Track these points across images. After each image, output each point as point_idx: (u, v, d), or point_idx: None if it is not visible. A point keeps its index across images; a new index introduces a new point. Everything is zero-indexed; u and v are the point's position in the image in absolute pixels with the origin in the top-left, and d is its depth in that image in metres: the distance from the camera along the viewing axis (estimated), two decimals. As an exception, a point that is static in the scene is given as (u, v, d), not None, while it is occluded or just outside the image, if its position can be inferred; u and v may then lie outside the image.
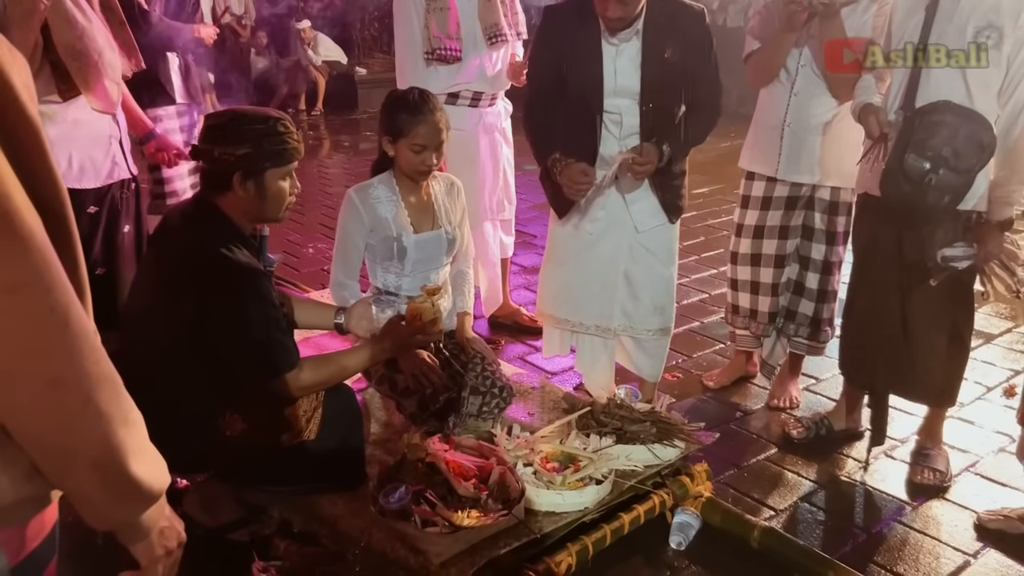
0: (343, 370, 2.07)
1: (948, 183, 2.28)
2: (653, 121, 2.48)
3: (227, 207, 1.93)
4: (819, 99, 2.73)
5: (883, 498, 2.52)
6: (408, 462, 2.06)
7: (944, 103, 2.29)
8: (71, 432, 0.78)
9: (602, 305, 2.68)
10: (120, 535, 0.92)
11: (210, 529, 2.14)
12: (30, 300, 0.73)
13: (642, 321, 2.68)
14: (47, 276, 0.74)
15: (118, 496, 0.85)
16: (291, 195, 1.99)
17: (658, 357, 2.78)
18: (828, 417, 2.83)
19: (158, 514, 0.92)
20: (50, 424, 0.77)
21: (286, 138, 1.90)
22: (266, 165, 1.89)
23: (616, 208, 2.60)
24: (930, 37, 2.32)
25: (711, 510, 2.26)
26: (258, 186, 1.90)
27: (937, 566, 2.21)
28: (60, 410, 0.77)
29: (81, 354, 0.77)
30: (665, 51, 2.42)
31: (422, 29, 3.11)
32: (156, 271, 1.94)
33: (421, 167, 2.36)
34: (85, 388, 0.78)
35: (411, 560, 1.85)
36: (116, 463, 0.82)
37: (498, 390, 2.41)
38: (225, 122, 1.90)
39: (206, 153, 1.91)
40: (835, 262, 2.90)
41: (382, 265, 2.47)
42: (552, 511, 2.02)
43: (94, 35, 2.31)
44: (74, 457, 0.80)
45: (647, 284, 2.66)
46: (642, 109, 2.47)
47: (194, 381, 1.90)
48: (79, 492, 0.83)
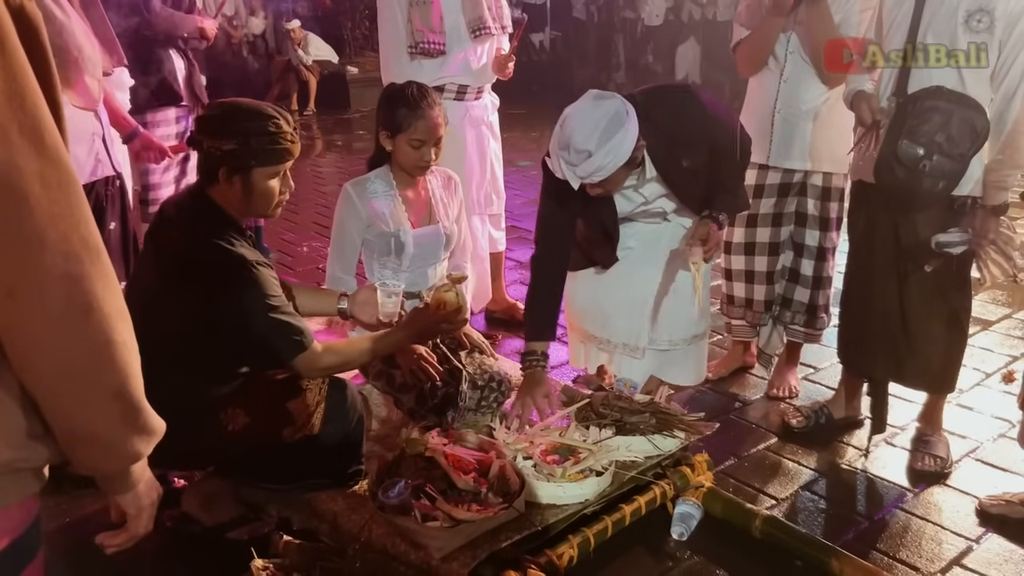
0: (365, 352, 2.05)
1: (942, 169, 2.28)
2: (693, 196, 2.36)
3: (219, 198, 1.91)
4: (809, 85, 2.72)
5: (884, 485, 2.52)
6: (407, 457, 2.05)
7: (937, 88, 2.28)
8: (99, 360, 0.82)
9: (632, 323, 2.49)
10: (113, 483, 0.95)
11: (208, 527, 2.13)
12: (71, 231, 0.77)
13: (686, 329, 2.52)
14: (85, 209, 0.80)
15: (134, 429, 0.89)
16: (282, 194, 1.96)
17: (702, 359, 2.62)
18: (827, 406, 2.83)
19: (143, 464, 0.95)
20: (80, 353, 0.81)
21: (277, 138, 1.86)
22: (252, 163, 1.86)
23: (648, 235, 2.47)
24: (921, 21, 2.32)
25: (712, 500, 2.25)
26: (244, 183, 1.87)
27: (940, 551, 2.21)
28: (90, 338, 0.81)
29: (110, 287, 0.82)
30: (683, 161, 2.25)
31: (405, 23, 3.11)
32: (154, 263, 1.93)
33: (420, 162, 2.35)
34: (112, 318, 0.82)
35: (412, 555, 1.84)
36: (134, 394, 0.86)
37: (496, 384, 2.41)
38: (217, 114, 1.88)
39: (197, 143, 1.89)
40: (829, 248, 2.89)
41: (379, 261, 2.45)
42: (553, 503, 2.01)
43: (73, 30, 2.28)
44: (98, 388, 0.83)
45: (687, 296, 2.47)
46: (682, 198, 2.37)
47: (196, 375, 1.89)
48: (96, 429, 0.86)
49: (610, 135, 2.03)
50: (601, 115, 2.05)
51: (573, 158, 2.05)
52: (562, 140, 2.07)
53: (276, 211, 2.00)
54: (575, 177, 2.07)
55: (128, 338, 0.85)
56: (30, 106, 0.75)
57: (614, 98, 2.10)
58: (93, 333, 0.81)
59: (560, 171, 2.09)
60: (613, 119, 2.04)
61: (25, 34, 0.77)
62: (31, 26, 0.79)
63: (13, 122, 0.74)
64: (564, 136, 2.07)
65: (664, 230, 2.46)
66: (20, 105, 0.75)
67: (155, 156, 2.93)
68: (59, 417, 0.84)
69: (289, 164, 1.94)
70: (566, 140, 2.06)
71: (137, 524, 0.99)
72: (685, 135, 2.25)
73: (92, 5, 2.46)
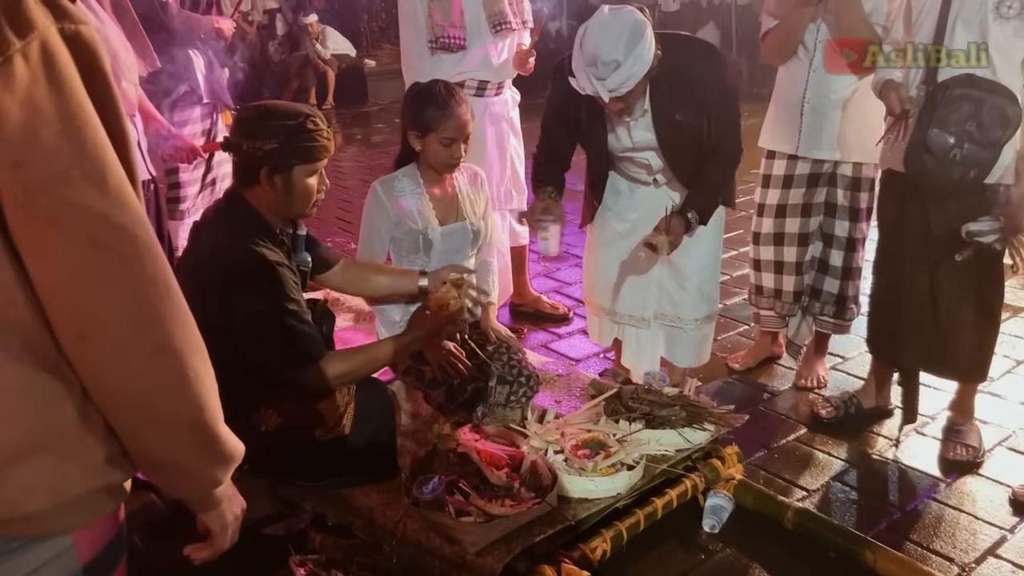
0: (373, 360, 2.06)
1: (973, 157, 2.25)
2: (680, 163, 2.43)
3: (255, 201, 1.94)
4: (838, 74, 2.69)
5: (916, 475, 2.51)
6: (439, 453, 2.07)
7: (967, 76, 2.26)
8: (174, 396, 0.83)
9: (636, 295, 2.62)
10: (198, 505, 0.97)
11: (245, 524, 2.16)
12: (139, 269, 0.78)
13: (688, 310, 2.60)
14: (152, 247, 0.79)
15: (212, 459, 0.90)
16: (319, 192, 1.98)
17: (704, 344, 2.70)
18: (857, 396, 2.81)
19: (227, 485, 0.97)
20: (155, 389, 0.82)
21: (315, 135, 1.89)
22: (293, 161, 1.89)
23: (651, 206, 2.53)
24: (951, 7, 2.29)
25: (743, 492, 2.26)
26: (285, 182, 1.90)
27: (974, 542, 2.20)
28: (165, 374, 0.82)
29: (181, 321, 0.83)
30: (676, 113, 2.32)
31: (426, 18, 3.11)
32: (190, 266, 1.96)
33: (450, 160, 2.37)
34: (186, 353, 0.83)
35: (447, 549, 1.86)
36: (210, 426, 0.87)
37: (525, 378, 2.42)
38: (255, 116, 1.90)
39: (236, 146, 1.91)
40: (859, 239, 2.87)
41: (408, 258, 2.47)
42: (585, 498, 2.02)
43: (108, 37, 2.31)
44: (174, 422, 0.85)
45: (693, 272, 2.57)
46: (667, 158, 2.43)
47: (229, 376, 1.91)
48: (174, 459, 0.88)
49: (634, 42, 2.09)
50: (622, 25, 2.10)
51: (601, 71, 2.09)
52: (587, 55, 2.11)
53: (313, 210, 2.03)
54: (605, 90, 2.12)
55: (203, 370, 0.85)
56: (91, 148, 0.74)
57: (628, 8, 2.14)
58: (167, 371, 0.81)
59: (589, 87, 2.13)
60: (635, 27, 2.10)
61: (83, 61, 0.75)
62: (90, 52, 0.76)
63: (76, 167, 0.73)
64: (589, 51, 2.10)
65: (662, 200, 2.52)
66: (81, 148, 0.73)
67: (187, 156, 2.96)
68: (138, 448, 0.86)
69: (326, 161, 1.97)
70: (592, 54, 2.09)
71: (222, 540, 1.01)
72: (689, 87, 2.30)
73: (125, 10, 2.48)
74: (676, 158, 2.42)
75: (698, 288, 2.60)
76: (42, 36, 0.72)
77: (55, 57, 0.72)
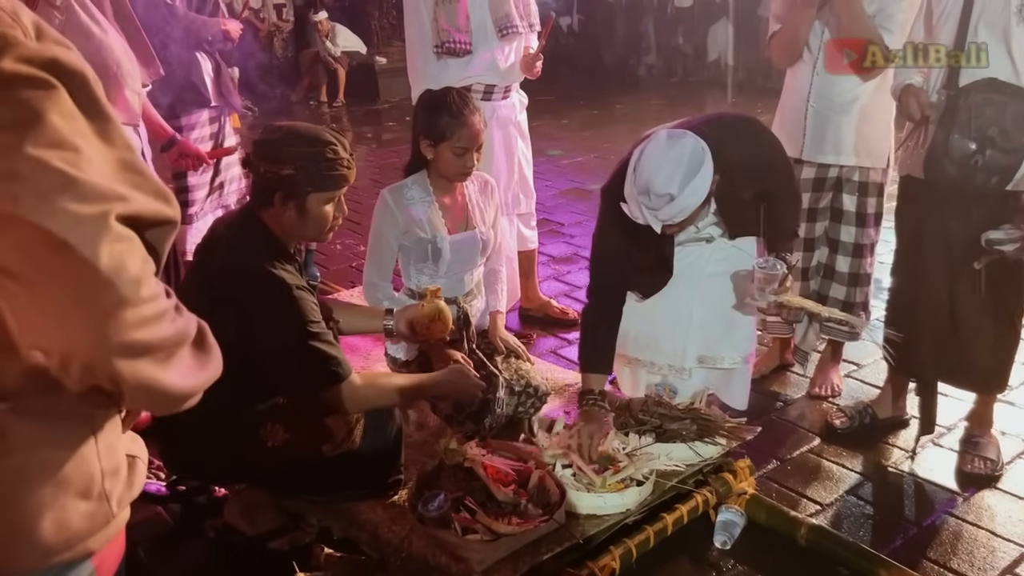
0: (399, 391, 2.01)
1: (996, 163, 2.20)
2: (742, 228, 2.36)
3: (270, 221, 1.90)
4: (843, 77, 2.64)
5: (932, 489, 2.45)
6: (446, 467, 2.04)
7: (989, 81, 2.20)
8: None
9: (675, 344, 2.45)
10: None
11: (250, 537, 2.14)
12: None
13: (729, 351, 2.47)
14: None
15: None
16: (335, 219, 1.93)
17: (744, 383, 2.55)
18: (872, 405, 2.76)
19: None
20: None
21: (335, 164, 1.85)
22: (308, 189, 1.84)
23: (692, 258, 2.41)
24: (972, 10, 2.23)
25: (756, 507, 2.21)
26: (299, 208, 1.86)
27: (993, 559, 2.14)
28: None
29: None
30: (744, 192, 2.23)
31: (431, 22, 3.07)
32: (200, 282, 1.93)
33: (463, 169, 2.33)
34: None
35: (453, 568, 1.83)
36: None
37: (533, 390, 2.38)
38: (276, 139, 1.86)
39: (254, 167, 1.88)
40: (867, 245, 2.81)
41: (416, 266, 2.44)
42: (593, 514, 1.99)
43: (111, 46, 2.29)
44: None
45: (726, 311, 2.44)
46: (730, 228, 2.35)
47: (238, 392, 1.88)
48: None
49: (691, 175, 1.98)
50: (679, 156, 1.99)
51: (654, 203, 1.99)
52: (640, 185, 2.01)
53: (328, 236, 1.99)
54: (657, 221, 2.01)
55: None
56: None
57: (687, 136, 2.03)
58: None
59: (640, 216, 2.03)
60: (691, 158, 1.99)
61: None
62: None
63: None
64: (642, 181, 2.00)
65: (704, 251, 2.41)
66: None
67: (192, 163, 2.93)
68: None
69: (344, 190, 1.92)
70: (644, 185, 1.99)
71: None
72: (750, 167, 2.20)
73: (126, 17, 2.45)
74: (740, 222, 2.33)
75: (729, 327, 2.46)
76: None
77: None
